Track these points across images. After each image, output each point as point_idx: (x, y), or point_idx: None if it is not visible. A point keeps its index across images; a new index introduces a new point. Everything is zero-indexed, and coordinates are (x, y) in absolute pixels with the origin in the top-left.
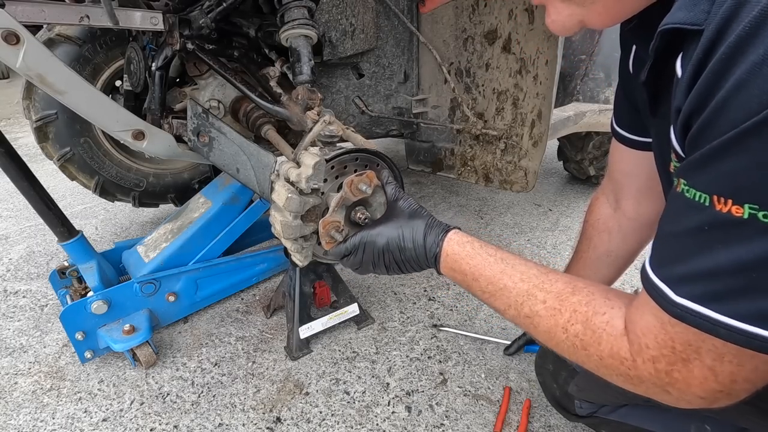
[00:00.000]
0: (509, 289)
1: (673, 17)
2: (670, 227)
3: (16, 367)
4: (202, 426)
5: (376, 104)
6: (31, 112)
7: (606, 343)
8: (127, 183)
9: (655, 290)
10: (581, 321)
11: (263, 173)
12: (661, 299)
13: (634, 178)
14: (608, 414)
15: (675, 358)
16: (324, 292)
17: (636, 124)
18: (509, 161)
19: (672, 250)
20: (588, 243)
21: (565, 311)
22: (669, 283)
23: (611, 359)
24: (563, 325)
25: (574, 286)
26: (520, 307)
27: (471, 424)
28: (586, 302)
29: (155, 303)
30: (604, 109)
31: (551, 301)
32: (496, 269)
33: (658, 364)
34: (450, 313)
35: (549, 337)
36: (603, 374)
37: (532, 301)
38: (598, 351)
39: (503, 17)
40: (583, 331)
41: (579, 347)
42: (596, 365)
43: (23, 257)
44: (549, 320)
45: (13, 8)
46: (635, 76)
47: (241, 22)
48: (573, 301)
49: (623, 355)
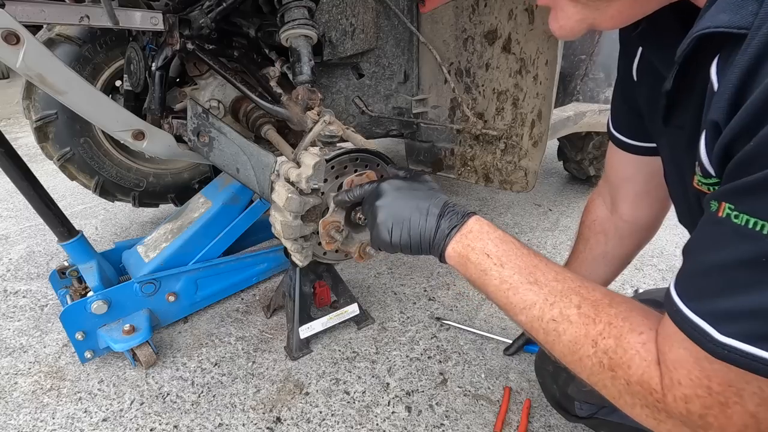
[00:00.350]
0: (541, 284)
1: (716, 20)
2: (710, 256)
3: (16, 367)
4: (202, 426)
5: (376, 104)
6: (31, 112)
7: (637, 368)
8: (127, 183)
9: (691, 327)
10: (614, 336)
11: (263, 173)
12: (701, 337)
13: (631, 182)
14: (608, 415)
15: (711, 400)
16: (324, 292)
17: (635, 129)
18: (509, 161)
19: (713, 282)
20: (584, 244)
21: (599, 322)
22: (710, 319)
23: (639, 387)
24: (594, 337)
25: (612, 298)
26: (549, 307)
27: (471, 424)
28: (623, 317)
29: (155, 303)
30: (604, 109)
31: (586, 308)
32: (528, 261)
33: (691, 404)
34: (450, 313)
35: (572, 350)
36: (624, 403)
37: (565, 303)
38: (626, 375)
39: (503, 17)
40: (614, 348)
41: (606, 366)
42: (620, 391)
43: (23, 257)
44: (579, 328)
45: (13, 8)
46: (639, 82)
47: (241, 22)
48: (610, 312)
49: (653, 386)
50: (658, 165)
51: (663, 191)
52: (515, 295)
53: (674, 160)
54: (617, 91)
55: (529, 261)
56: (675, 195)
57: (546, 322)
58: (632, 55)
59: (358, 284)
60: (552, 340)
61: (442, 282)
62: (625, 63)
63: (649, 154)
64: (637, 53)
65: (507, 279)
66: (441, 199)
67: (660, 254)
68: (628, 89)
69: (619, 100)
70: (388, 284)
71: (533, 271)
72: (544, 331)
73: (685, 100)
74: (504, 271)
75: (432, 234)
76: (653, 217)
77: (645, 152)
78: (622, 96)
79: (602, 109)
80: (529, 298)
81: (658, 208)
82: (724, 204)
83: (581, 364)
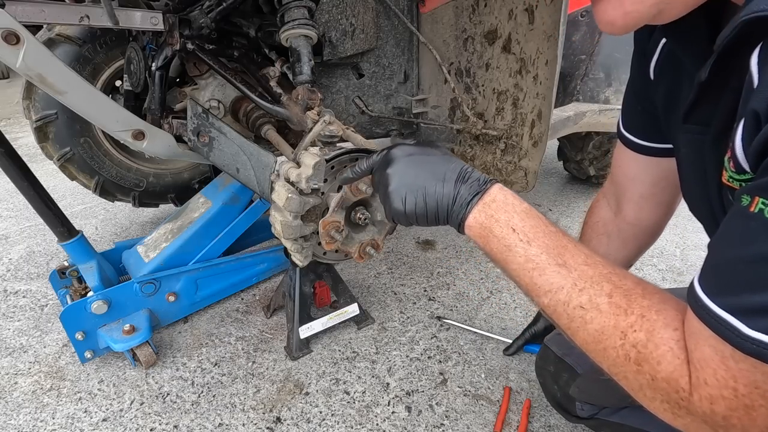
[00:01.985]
0: (570, 267)
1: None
2: (738, 251)
3: (16, 367)
4: (202, 426)
5: (376, 104)
6: (31, 112)
7: (668, 365)
8: (127, 183)
9: (717, 321)
10: (646, 330)
11: (263, 173)
12: (728, 332)
13: (638, 183)
14: (609, 416)
15: (737, 402)
16: (324, 292)
17: (648, 129)
18: (509, 161)
19: (741, 276)
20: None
21: (631, 313)
22: (737, 314)
23: (666, 384)
24: (624, 329)
25: (645, 288)
26: (578, 293)
27: (471, 424)
28: (657, 310)
29: (155, 303)
30: (604, 109)
31: (618, 297)
32: (557, 241)
33: (716, 405)
34: (450, 313)
35: (598, 339)
36: (644, 396)
37: (596, 290)
38: (653, 370)
39: (503, 17)
40: (645, 342)
41: (632, 360)
42: (642, 385)
43: (23, 257)
44: (609, 318)
45: (13, 8)
46: (657, 80)
47: (241, 22)
48: (643, 304)
49: (682, 384)
50: (666, 167)
51: (669, 195)
52: (541, 276)
53: (694, 159)
54: (629, 92)
55: (558, 241)
56: (694, 193)
57: (573, 308)
58: (650, 53)
59: (358, 284)
60: (576, 326)
61: (442, 282)
62: (641, 62)
63: (659, 155)
64: (656, 51)
65: (533, 258)
66: (458, 164)
67: (660, 254)
68: (642, 89)
69: (631, 101)
70: (388, 284)
71: (562, 252)
72: (569, 317)
73: (716, 92)
74: (531, 248)
75: (450, 201)
76: (657, 221)
77: (655, 153)
78: (634, 96)
79: (602, 109)
80: (557, 281)
81: (663, 212)
82: (757, 199)
83: (605, 354)
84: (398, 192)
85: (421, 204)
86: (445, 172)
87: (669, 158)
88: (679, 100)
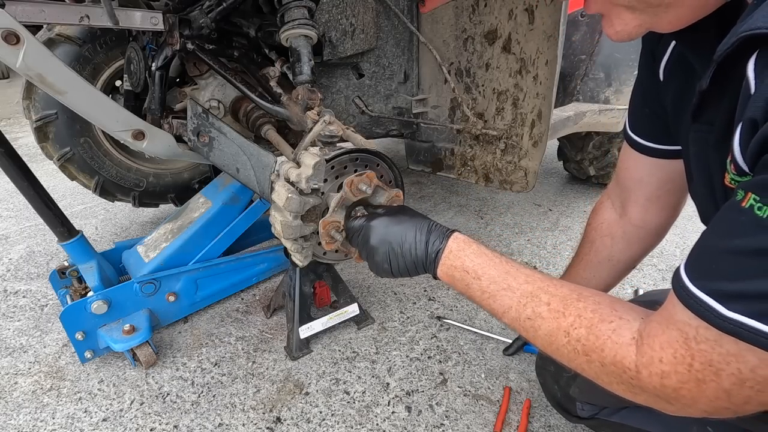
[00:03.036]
0: (513, 289)
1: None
2: (726, 242)
3: (16, 367)
4: (202, 426)
5: (376, 104)
6: (31, 112)
7: (610, 351)
8: (127, 183)
9: (697, 302)
10: (585, 326)
11: (263, 173)
12: (706, 312)
13: (644, 186)
14: (610, 416)
15: (689, 376)
16: (324, 292)
17: (655, 131)
18: (509, 161)
19: (725, 266)
20: (590, 246)
21: (569, 315)
22: (716, 297)
23: (613, 367)
24: (566, 329)
25: (580, 293)
26: (523, 308)
27: (471, 424)
28: (591, 309)
29: (155, 303)
30: (604, 109)
31: (555, 304)
32: (501, 270)
33: (667, 379)
34: (450, 313)
35: (549, 342)
36: (602, 381)
37: (536, 303)
38: (600, 357)
39: (503, 17)
40: (586, 336)
41: (580, 352)
42: (596, 372)
43: (23, 257)
44: (551, 323)
45: (13, 8)
46: (667, 81)
47: (241, 22)
48: (579, 306)
49: (627, 364)
50: (672, 169)
51: (674, 197)
52: (495, 302)
53: (701, 159)
54: (637, 94)
55: (502, 268)
56: (700, 195)
57: (523, 321)
58: (660, 55)
59: (358, 284)
60: (532, 335)
61: (442, 282)
62: (650, 64)
63: (666, 156)
64: (665, 53)
65: (486, 289)
66: (424, 225)
67: (660, 254)
68: (651, 90)
69: (638, 102)
70: (388, 284)
71: (506, 278)
72: (524, 328)
73: (717, 97)
74: (482, 282)
75: (423, 260)
76: (662, 223)
77: (662, 155)
78: (642, 98)
79: (602, 109)
80: (506, 302)
81: (668, 215)
82: (749, 194)
83: (559, 353)
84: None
85: (403, 266)
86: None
87: (675, 160)
88: (688, 100)
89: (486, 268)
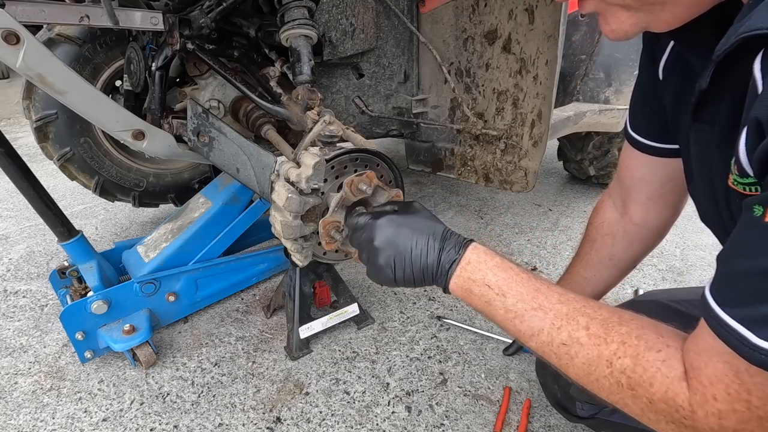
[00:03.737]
0: (545, 309)
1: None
2: (752, 262)
3: (16, 367)
4: (202, 426)
5: (376, 104)
6: (31, 112)
7: (660, 386)
8: (127, 183)
9: (728, 331)
10: (631, 355)
11: (263, 173)
12: (738, 342)
13: (645, 185)
14: (610, 415)
15: (750, 415)
16: (324, 292)
17: (655, 129)
18: (509, 161)
19: (754, 288)
20: (591, 245)
21: (611, 342)
22: (747, 323)
23: (664, 405)
24: (608, 357)
25: (621, 316)
26: (557, 331)
27: (471, 424)
28: (636, 335)
29: (155, 303)
30: (604, 109)
31: (595, 328)
32: (530, 287)
33: (726, 420)
34: (450, 313)
35: (587, 371)
36: (648, 420)
37: (573, 326)
38: (648, 393)
39: (503, 17)
40: (632, 367)
41: (625, 386)
42: (642, 409)
43: (23, 257)
44: (592, 350)
45: (13, 8)
46: (666, 80)
47: (241, 22)
48: (621, 331)
49: (680, 402)
50: (673, 168)
51: (675, 196)
52: (522, 323)
53: (701, 159)
54: (637, 93)
55: (531, 286)
56: (700, 194)
57: (557, 347)
58: (660, 54)
59: (358, 284)
60: (566, 363)
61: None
62: (650, 63)
63: (667, 155)
64: (665, 52)
65: (511, 308)
66: (439, 230)
67: (660, 254)
68: (651, 89)
69: (639, 101)
70: None
71: (536, 296)
72: (557, 355)
73: (717, 96)
74: (507, 300)
75: (434, 270)
76: (663, 222)
77: (663, 154)
78: (642, 97)
79: (602, 109)
80: (536, 325)
81: (670, 213)
82: None
83: (598, 385)
84: (388, 264)
85: (408, 274)
86: (427, 240)
87: (677, 159)
88: (688, 99)
89: (512, 284)
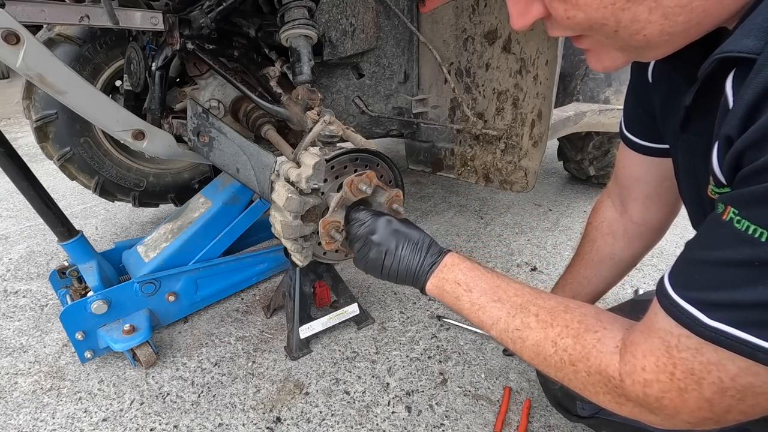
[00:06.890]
0: (503, 301)
1: (742, 45)
2: (708, 254)
3: (16, 367)
4: (202, 426)
5: (376, 104)
6: (31, 112)
7: (594, 359)
8: (127, 183)
9: (679, 311)
10: (572, 335)
11: (263, 173)
12: (688, 320)
13: (642, 184)
14: (610, 415)
15: (671, 386)
16: (324, 292)
17: (649, 130)
18: (509, 161)
19: (707, 276)
20: (591, 245)
21: (556, 325)
22: (699, 306)
23: (598, 376)
24: (553, 339)
25: (567, 305)
26: (512, 319)
27: (471, 424)
28: (578, 320)
29: (155, 303)
30: (604, 109)
31: (543, 315)
32: (492, 283)
33: (649, 388)
34: (450, 313)
35: (537, 352)
36: (588, 392)
37: (524, 314)
38: (585, 367)
39: (503, 17)
40: (573, 345)
41: (567, 362)
42: (582, 382)
43: (23, 257)
44: (539, 333)
45: (13, 8)
46: (655, 84)
47: (241, 22)
48: (565, 317)
49: (611, 373)
50: (669, 168)
51: (673, 194)
52: (484, 313)
53: (690, 166)
54: (630, 94)
55: (493, 282)
56: (689, 200)
57: (512, 332)
58: None
59: (358, 284)
60: (519, 347)
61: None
62: (640, 66)
63: (662, 155)
64: None
65: (476, 301)
66: (426, 239)
67: (660, 254)
68: (642, 91)
69: (632, 102)
70: (388, 284)
71: (496, 291)
72: (512, 339)
73: (703, 109)
74: (473, 294)
75: (416, 269)
76: (663, 220)
77: (657, 153)
78: (635, 98)
79: (602, 109)
80: (495, 314)
81: (668, 211)
82: (729, 208)
83: (546, 363)
84: (379, 257)
85: (394, 269)
86: (416, 245)
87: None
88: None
89: (477, 281)
